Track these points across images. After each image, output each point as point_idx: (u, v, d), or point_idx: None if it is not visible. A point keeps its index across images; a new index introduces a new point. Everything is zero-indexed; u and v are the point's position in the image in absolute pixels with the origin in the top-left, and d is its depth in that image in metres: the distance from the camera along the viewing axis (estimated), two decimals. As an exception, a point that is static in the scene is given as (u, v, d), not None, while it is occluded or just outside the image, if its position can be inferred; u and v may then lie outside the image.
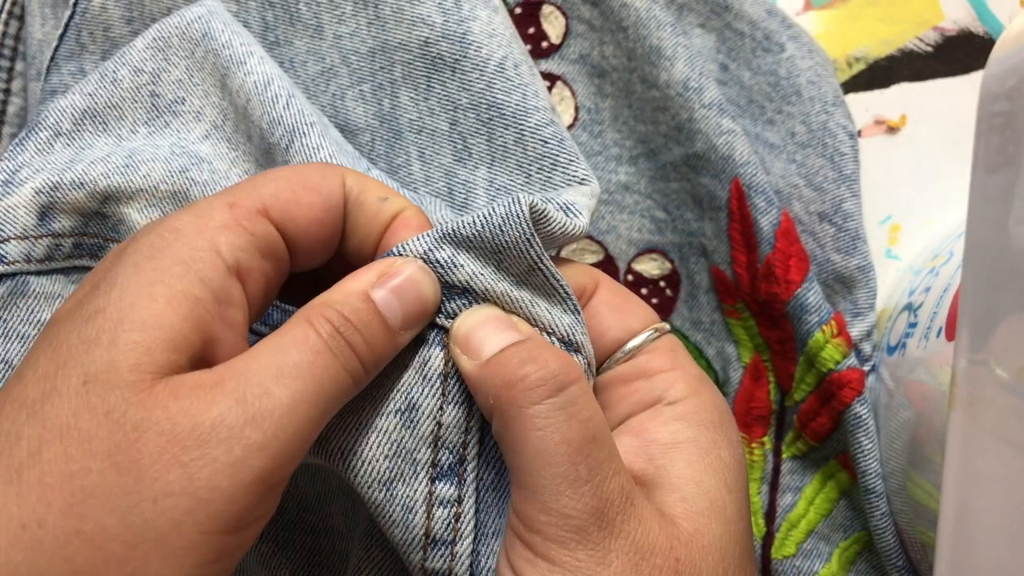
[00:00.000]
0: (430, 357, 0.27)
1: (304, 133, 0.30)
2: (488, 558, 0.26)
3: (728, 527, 0.25)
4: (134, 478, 0.21)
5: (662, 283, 0.38)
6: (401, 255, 0.26)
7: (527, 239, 0.26)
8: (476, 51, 0.33)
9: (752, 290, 0.35)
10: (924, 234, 0.38)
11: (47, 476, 0.21)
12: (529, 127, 0.32)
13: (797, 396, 0.36)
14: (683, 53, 0.35)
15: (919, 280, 0.35)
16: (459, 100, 0.33)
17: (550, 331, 0.27)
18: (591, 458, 0.24)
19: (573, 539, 0.24)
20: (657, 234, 0.38)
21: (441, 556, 0.26)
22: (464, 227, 0.26)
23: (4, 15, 0.38)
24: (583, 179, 0.32)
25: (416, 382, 0.27)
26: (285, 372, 0.23)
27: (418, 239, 0.27)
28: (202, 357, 0.23)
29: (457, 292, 0.27)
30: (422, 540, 0.26)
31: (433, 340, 0.27)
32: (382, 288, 0.25)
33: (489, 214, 0.26)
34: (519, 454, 0.24)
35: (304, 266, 0.27)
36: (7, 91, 0.39)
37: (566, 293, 0.27)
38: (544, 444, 0.24)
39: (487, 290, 0.27)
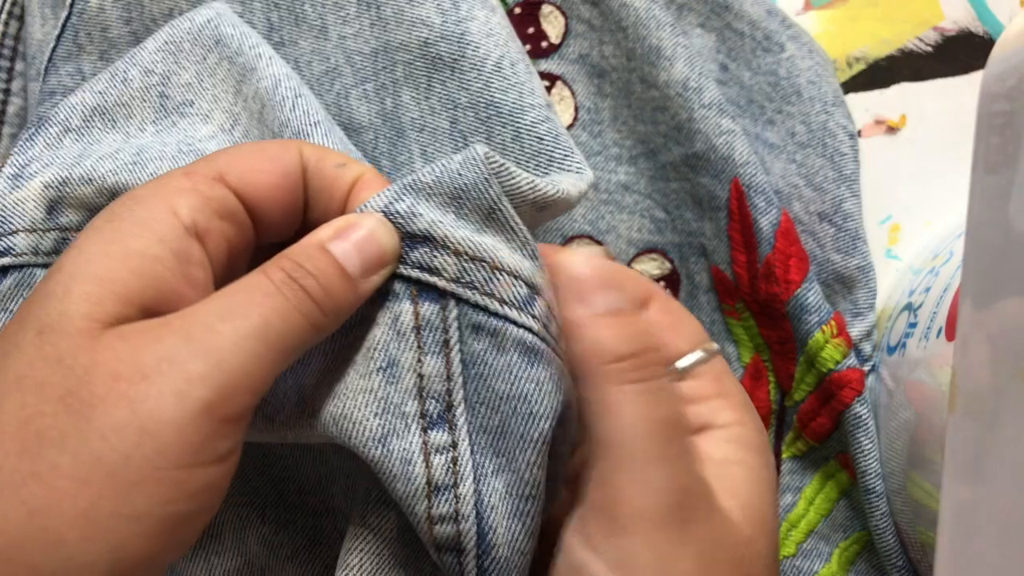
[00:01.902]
0: (401, 312, 0.27)
1: (308, 134, 0.31)
2: (490, 496, 0.27)
3: (772, 540, 0.27)
4: (84, 417, 0.22)
5: (662, 283, 0.38)
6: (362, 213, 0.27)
7: (484, 179, 0.27)
8: (474, 51, 0.33)
9: (752, 290, 0.35)
10: (924, 234, 0.38)
11: (5, 425, 0.22)
12: (525, 124, 0.32)
13: (797, 396, 0.36)
14: (683, 53, 0.35)
15: (919, 280, 0.35)
16: (459, 99, 0.33)
17: (515, 275, 0.27)
18: (679, 441, 0.26)
19: (659, 515, 0.24)
20: (656, 234, 0.38)
21: (446, 500, 0.27)
22: (423, 175, 0.27)
23: (4, 15, 0.38)
24: (578, 171, 0.32)
25: (391, 338, 0.27)
26: (231, 311, 0.23)
27: (378, 196, 0.27)
28: (158, 312, 0.24)
29: (419, 240, 0.27)
30: (424, 489, 0.27)
31: (403, 294, 0.27)
32: (340, 240, 0.26)
33: (447, 161, 0.27)
34: (611, 425, 0.25)
35: (272, 236, 0.28)
36: (7, 91, 0.39)
37: (525, 238, 0.27)
38: (638, 419, 0.25)
39: (447, 236, 0.27)
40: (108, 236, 0.24)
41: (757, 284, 0.35)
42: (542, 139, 0.32)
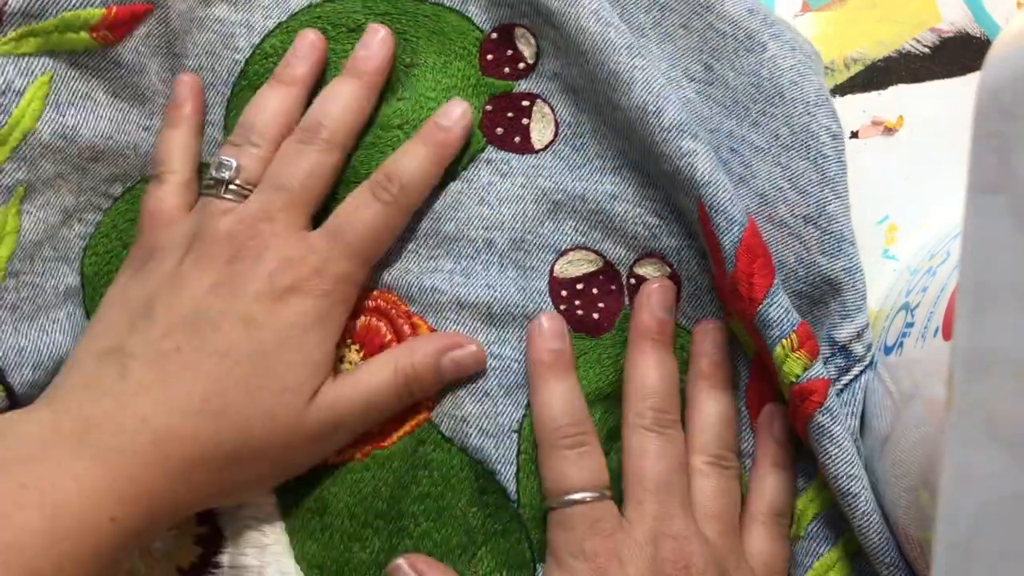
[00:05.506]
0: None
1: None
2: None
3: None
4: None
5: (662, 284, 0.38)
6: None
7: None
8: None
9: (728, 301, 0.36)
10: (921, 234, 0.39)
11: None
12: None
13: (784, 397, 0.36)
14: (640, 76, 0.35)
15: (916, 280, 0.35)
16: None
17: None
18: None
19: None
20: (653, 239, 0.38)
21: None
22: None
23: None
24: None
25: None
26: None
27: None
28: None
29: None
30: None
31: None
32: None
33: None
34: None
35: None
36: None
37: None
38: None
39: None
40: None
41: (728, 297, 0.35)
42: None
